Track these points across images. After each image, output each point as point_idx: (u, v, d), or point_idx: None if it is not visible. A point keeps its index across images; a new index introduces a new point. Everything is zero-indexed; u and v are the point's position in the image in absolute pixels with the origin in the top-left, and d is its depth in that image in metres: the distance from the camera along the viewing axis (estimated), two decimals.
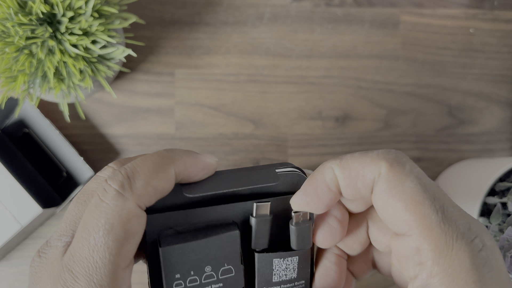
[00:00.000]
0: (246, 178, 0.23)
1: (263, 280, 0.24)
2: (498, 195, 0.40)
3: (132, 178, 0.20)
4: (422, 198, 0.19)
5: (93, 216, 0.19)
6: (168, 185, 0.21)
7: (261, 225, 0.23)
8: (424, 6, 0.50)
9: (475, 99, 0.51)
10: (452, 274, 0.18)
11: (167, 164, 0.21)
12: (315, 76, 0.49)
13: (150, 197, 0.20)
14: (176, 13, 0.48)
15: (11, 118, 0.45)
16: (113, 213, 0.19)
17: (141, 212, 0.20)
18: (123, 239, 0.19)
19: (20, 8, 0.34)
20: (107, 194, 0.19)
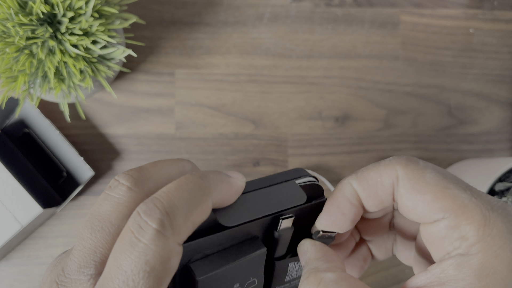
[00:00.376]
0: (275, 199, 0.23)
1: (277, 281, 0.25)
2: (498, 195, 0.40)
3: (171, 215, 0.18)
4: (446, 183, 0.20)
5: (129, 256, 0.18)
6: (205, 217, 0.19)
7: (284, 238, 0.24)
8: (424, 6, 0.50)
9: (475, 99, 0.51)
10: (491, 242, 0.18)
11: (205, 196, 0.19)
12: (315, 76, 0.49)
13: (188, 232, 0.19)
14: (176, 13, 0.48)
15: (12, 118, 0.45)
16: (154, 254, 0.17)
17: (180, 248, 0.19)
18: (163, 277, 0.18)
19: (21, 8, 0.34)
20: (145, 233, 0.17)
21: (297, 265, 0.25)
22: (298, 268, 0.26)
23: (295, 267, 0.25)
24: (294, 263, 0.25)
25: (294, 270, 0.26)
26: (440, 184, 0.20)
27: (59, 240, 0.46)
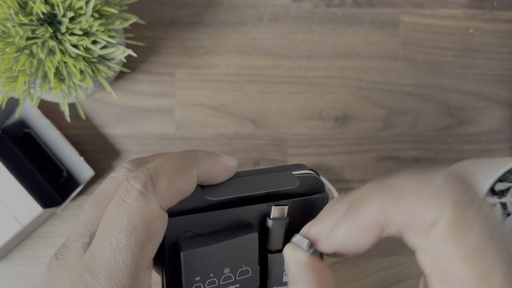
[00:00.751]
0: (265, 181, 0.23)
1: (274, 280, 0.24)
2: (498, 195, 0.40)
3: (155, 179, 0.19)
4: (488, 247, 0.16)
5: (115, 216, 0.19)
6: (190, 187, 0.20)
7: (278, 227, 0.23)
8: (423, 7, 0.50)
9: (474, 99, 0.51)
10: None
11: (190, 166, 0.20)
12: (315, 76, 0.49)
13: (172, 198, 0.20)
14: (176, 14, 0.48)
15: (12, 118, 0.45)
16: (136, 214, 0.19)
17: (163, 213, 0.20)
18: (145, 240, 0.19)
19: (21, 9, 0.34)
20: (130, 194, 0.19)
21: None
22: None
23: None
24: None
25: None
26: (481, 245, 0.16)
27: (59, 240, 0.46)
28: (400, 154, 0.50)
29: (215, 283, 0.22)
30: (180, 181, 0.20)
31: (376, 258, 0.49)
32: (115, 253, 0.19)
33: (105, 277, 0.19)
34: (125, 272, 0.19)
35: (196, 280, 0.22)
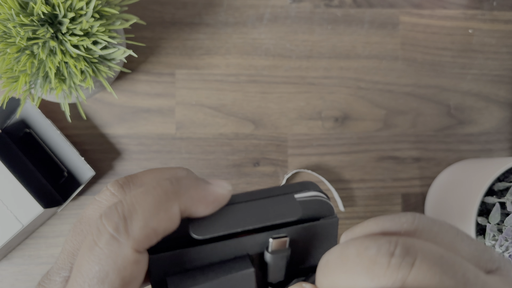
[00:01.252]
0: (262, 211, 0.20)
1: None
2: (497, 195, 0.40)
3: (129, 219, 0.17)
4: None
5: (87, 260, 0.17)
6: (170, 225, 0.18)
7: (278, 260, 0.21)
8: (423, 7, 0.50)
9: (474, 99, 0.51)
10: None
11: (171, 201, 0.18)
12: (315, 76, 0.49)
13: (149, 239, 0.18)
14: (176, 14, 0.48)
15: (13, 118, 0.46)
16: (107, 259, 0.17)
17: (139, 256, 0.18)
18: (120, 287, 0.17)
19: (22, 9, 0.34)
20: (101, 237, 0.17)
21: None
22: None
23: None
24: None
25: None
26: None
27: (59, 240, 0.46)
28: (400, 154, 0.50)
29: None
30: (158, 220, 0.18)
31: None
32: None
33: None
34: None
35: None
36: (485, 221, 0.39)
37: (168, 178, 0.19)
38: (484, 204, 0.40)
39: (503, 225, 0.39)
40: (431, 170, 0.50)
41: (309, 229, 0.21)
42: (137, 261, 0.17)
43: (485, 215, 0.40)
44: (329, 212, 0.21)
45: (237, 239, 0.20)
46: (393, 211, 0.50)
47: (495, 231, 0.39)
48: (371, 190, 0.49)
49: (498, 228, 0.39)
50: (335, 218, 0.21)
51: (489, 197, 0.40)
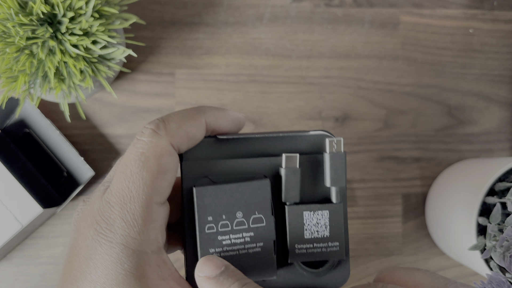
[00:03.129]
0: (277, 132, 0.25)
1: (295, 236, 0.24)
2: (498, 195, 0.40)
3: (167, 121, 0.22)
4: None
5: (130, 152, 0.21)
6: (199, 132, 0.23)
7: (291, 176, 0.24)
8: (423, 7, 0.50)
9: (474, 99, 0.51)
10: None
11: (198, 114, 0.23)
12: (315, 76, 0.49)
13: (182, 139, 0.22)
14: (176, 14, 0.48)
15: (12, 118, 0.45)
16: (148, 148, 0.21)
17: (173, 150, 0.22)
18: (157, 172, 0.21)
19: (21, 9, 0.34)
20: (144, 134, 0.22)
21: (315, 218, 0.24)
22: (318, 223, 0.24)
23: (312, 219, 0.24)
24: (310, 213, 0.24)
25: (312, 225, 0.24)
26: None
27: (59, 240, 0.46)
28: (400, 154, 0.50)
29: (227, 226, 0.23)
30: (189, 124, 0.22)
31: (376, 258, 0.49)
32: (129, 182, 0.21)
33: (119, 205, 0.21)
34: (137, 201, 0.21)
35: (209, 220, 0.23)
36: (486, 221, 0.39)
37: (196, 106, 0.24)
38: (485, 204, 0.40)
39: (504, 225, 0.39)
40: (431, 170, 0.50)
41: (315, 160, 0.25)
42: (171, 153, 0.22)
43: (486, 215, 0.40)
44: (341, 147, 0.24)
45: (255, 159, 0.24)
46: (393, 211, 0.49)
47: (496, 231, 0.39)
48: (372, 190, 0.49)
49: (499, 228, 0.39)
50: (341, 153, 0.24)
51: (490, 197, 0.40)
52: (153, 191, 0.21)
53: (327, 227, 0.24)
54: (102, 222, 0.21)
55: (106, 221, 0.21)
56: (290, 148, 0.25)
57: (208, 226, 0.23)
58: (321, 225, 0.24)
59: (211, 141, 0.24)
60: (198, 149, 0.24)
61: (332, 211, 0.24)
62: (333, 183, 0.24)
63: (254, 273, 0.23)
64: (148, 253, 0.21)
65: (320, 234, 0.24)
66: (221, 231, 0.23)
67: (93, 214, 0.21)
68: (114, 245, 0.20)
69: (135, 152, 0.21)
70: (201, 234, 0.23)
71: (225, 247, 0.23)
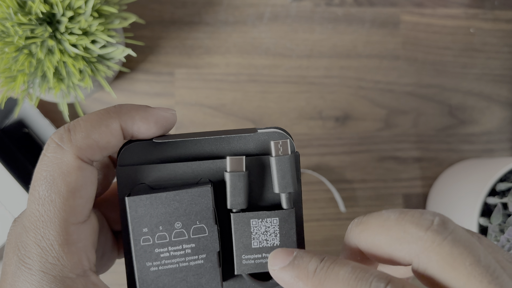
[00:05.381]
0: (222, 131, 0.22)
1: (242, 246, 0.22)
2: (499, 195, 0.40)
3: (72, 130, 0.20)
4: (466, 247, 0.17)
5: (37, 170, 0.19)
6: (113, 139, 0.20)
7: (236, 180, 0.21)
8: (424, 6, 0.50)
9: (475, 99, 0.51)
10: None
11: (111, 118, 0.20)
12: (315, 76, 0.49)
13: (92, 150, 0.20)
14: (176, 13, 0.48)
15: (11, 118, 0.45)
16: (53, 165, 0.19)
17: (83, 164, 0.20)
18: (66, 192, 0.19)
19: (20, 8, 0.34)
20: (48, 148, 0.19)
21: (264, 225, 0.22)
22: (267, 232, 0.22)
23: (260, 228, 0.22)
24: (258, 220, 0.22)
25: (261, 233, 0.22)
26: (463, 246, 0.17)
27: None
28: (401, 154, 0.50)
29: (165, 238, 0.21)
30: (99, 132, 0.20)
31: None
32: (39, 206, 0.19)
33: (32, 230, 0.19)
34: (50, 225, 0.19)
35: (143, 231, 0.21)
36: (487, 221, 0.39)
37: (111, 106, 0.21)
38: (486, 204, 0.40)
39: (505, 226, 0.38)
40: (432, 170, 0.50)
41: (267, 162, 0.22)
42: (80, 167, 0.19)
43: (487, 215, 0.40)
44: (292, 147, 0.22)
45: (198, 162, 0.22)
46: None
47: (497, 231, 0.39)
48: (372, 190, 0.49)
49: (500, 229, 0.39)
50: (288, 155, 0.22)
51: (491, 197, 0.40)
52: (66, 213, 0.19)
53: (277, 236, 0.22)
54: (21, 248, 0.19)
55: (24, 247, 0.19)
56: (237, 149, 0.22)
57: (143, 238, 0.21)
58: (270, 234, 0.22)
59: (149, 143, 0.22)
60: (135, 152, 0.22)
61: (283, 218, 0.22)
62: (281, 189, 0.22)
63: (198, 287, 0.22)
64: (73, 278, 0.19)
65: (269, 243, 0.22)
66: (158, 243, 0.21)
67: (16, 238, 0.20)
68: (34, 272, 0.19)
69: (40, 171, 0.19)
70: (136, 247, 0.21)
71: (163, 260, 0.21)
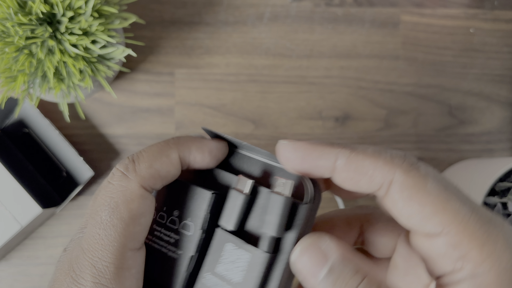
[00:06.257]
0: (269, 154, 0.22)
1: (209, 264, 0.21)
2: (499, 195, 0.40)
3: (136, 161, 0.21)
4: (448, 195, 0.19)
5: (101, 196, 0.21)
6: (172, 169, 0.22)
7: (235, 199, 0.21)
8: (424, 6, 0.50)
9: (475, 99, 0.51)
10: (496, 258, 0.18)
11: (171, 149, 0.22)
12: (315, 76, 0.49)
13: (154, 179, 0.21)
14: (176, 13, 0.48)
15: (11, 118, 0.45)
16: (118, 192, 0.20)
17: (146, 193, 0.21)
18: (128, 218, 0.20)
19: (20, 8, 0.34)
20: (114, 177, 0.21)
21: (236, 255, 0.20)
22: (235, 262, 0.20)
23: (232, 255, 0.21)
24: (233, 246, 0.21)
25: (229, 261, 0.20)
26: (441, 196, 0.18)
27: (58, 240, 0.46)
28: (402, 152, 0.49)
29: (163, 219, 0.23)
30: (161, 162, 0.21)
31: None
32: (100, 230, 0.20)
33: (91, 251, 0.20)
34: (109, 249, 0.20)
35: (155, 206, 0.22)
36: None
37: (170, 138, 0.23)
38: (486, 204, 0.40)
39: None
40: None
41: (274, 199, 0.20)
42: (143, 196, 0.21)
43: None
44: (305, 197, 0.21)
45: (230, 174, 0.23)
46: None
47: None
48: None
49: None
50: (305, 204, 0.20)
51: (491, 197, 0.40)
52: (125, 238, 0.20)
53: (242, 272, 0.20)
54: (76, 269, 0.20)
55: (80, 268, 0.20)
56: (263, 174, 0.22)
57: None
58: (237, 266, 0.20)
59: None
60: None
61: (254, 259, 0.20)
62: (263, 227, 0.20)
63: (162, 278, 0.22)
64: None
65: (231, 275, 0.20)
66: (157, 221, 0.23)
67: (70, 261, 0.21)
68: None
69: (105, 197, 0.20)
70: None
71: (154, 238, 0.22)
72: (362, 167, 0.19)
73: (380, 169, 0.19)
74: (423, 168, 0.19)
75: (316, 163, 0.20)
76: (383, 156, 0.19)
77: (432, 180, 0.19)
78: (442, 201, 0.18)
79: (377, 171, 0.19)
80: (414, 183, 0.19)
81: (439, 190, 0.19)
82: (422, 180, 0.19)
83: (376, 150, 0.20)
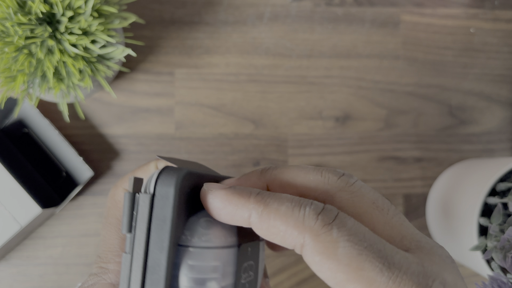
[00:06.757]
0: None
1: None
2: (499, 195, 0.40)
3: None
4: (361, 262, 0.17)
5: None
6: None
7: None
8: (424, 6, 0.50)
9: (475, 99, 0.51)
10: None
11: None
12: (315, 76, 0.49)
13: None
14: (175, 13, 0.48)
15: (11, 118, 0.45)
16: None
17: None
18: None
19: (20, 8, 0.34)
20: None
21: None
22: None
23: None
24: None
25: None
26: (353, 263, 0.17)
27: (58, 241, 0.46)
28: (401, 154, 0.49)
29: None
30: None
31: None
32: None
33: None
34: None
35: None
36: (487, 221, 0.39)
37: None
38: (486, 204, 0.40)
39: (505, 226, 0.38)
40: (432, 170, 0.50)
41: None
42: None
43: (487, 215, 0.40)
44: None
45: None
46: None
47: (497, 231, 0.38)
48: None
49: (500, 229, 0.39)
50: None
51: (491, 197, 0.40)
52: None
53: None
54: None
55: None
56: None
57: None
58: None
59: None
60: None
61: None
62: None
63: None
64: None
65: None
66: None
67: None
68: None
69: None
70: None
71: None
72: (273, 227, 0.18)
73: (291, 231, 0.18)
74: (335, 230, 0.18)
75: (233, 215, 0.19)
76: (295, 217, 0.18)
77: (344, 244, 0.17)
78: (355, 269, 0.17)
79: (287, 233, 0.18)
80: (324, 249, 0.18)
81: (350, 257, 0.17)
82: (332, 246, 0.17)
83: (290, 207, 0.19)
